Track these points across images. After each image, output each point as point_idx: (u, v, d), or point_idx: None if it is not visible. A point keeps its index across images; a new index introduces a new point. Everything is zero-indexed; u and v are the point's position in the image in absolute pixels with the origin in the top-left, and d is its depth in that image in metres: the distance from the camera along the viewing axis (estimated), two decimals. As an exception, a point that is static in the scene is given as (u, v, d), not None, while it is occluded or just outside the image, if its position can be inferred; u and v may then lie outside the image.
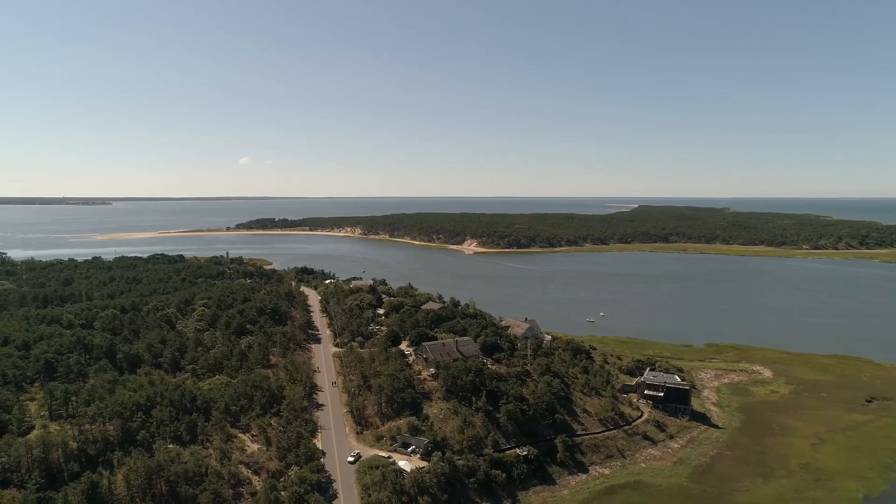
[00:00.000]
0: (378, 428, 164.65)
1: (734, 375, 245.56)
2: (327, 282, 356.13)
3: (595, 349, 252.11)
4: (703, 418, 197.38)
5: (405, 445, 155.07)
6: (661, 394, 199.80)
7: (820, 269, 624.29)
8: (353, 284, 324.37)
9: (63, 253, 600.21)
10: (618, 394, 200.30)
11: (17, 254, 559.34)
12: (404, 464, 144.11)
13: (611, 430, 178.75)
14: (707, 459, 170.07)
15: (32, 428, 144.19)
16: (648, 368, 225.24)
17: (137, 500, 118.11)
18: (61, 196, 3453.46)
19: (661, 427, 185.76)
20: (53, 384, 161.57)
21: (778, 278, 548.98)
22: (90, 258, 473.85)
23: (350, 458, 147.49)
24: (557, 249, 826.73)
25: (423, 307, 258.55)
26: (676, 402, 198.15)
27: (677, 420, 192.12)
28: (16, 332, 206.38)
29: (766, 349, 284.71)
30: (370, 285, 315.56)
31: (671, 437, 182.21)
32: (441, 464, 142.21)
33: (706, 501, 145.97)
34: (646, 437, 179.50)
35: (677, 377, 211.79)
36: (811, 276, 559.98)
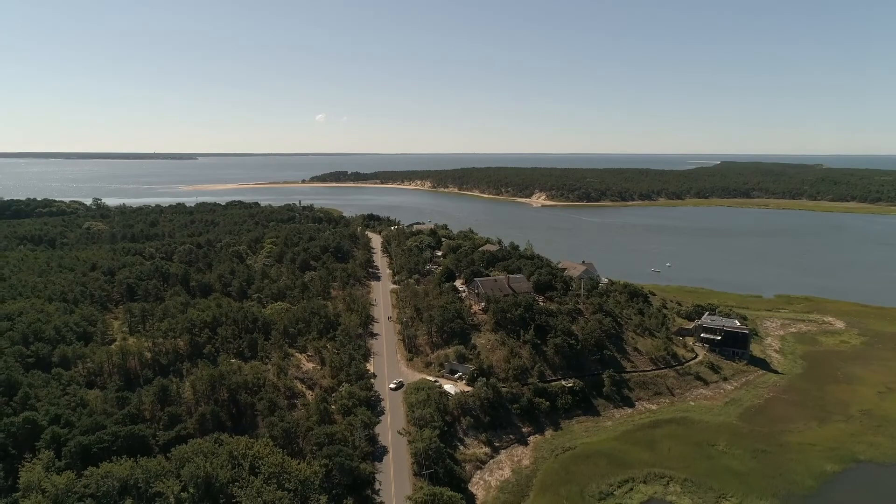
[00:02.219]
0: (427, 356, 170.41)
1: (802, 325, 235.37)
2: (391, 228, 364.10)
3: (654, 294, 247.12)
4: (761, 363, 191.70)
5: (452, 372, 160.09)
6: (719, 337, 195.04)
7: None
8: (414, 228, 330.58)
9: (151, 201, 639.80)
10: (672, 335, 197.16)
11: (111, 201, 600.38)
12: (450, 387, 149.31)
13: (661, 369, 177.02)
14: (761, 402, 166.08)
15: (114, 340, 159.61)
16: (707, 312, 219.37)
17: (202, 403, 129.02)
18: (152, 151, 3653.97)
19: (715, 369, 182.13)
20: (133, 304, 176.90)
21: (867, 234, 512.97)
22: (174, 204, 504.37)
23: (392, 385, 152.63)
24: (629, 203, 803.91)
25: (480, 249, 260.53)
26: (734, 346, 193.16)
27: (734, 364, 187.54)
28: (103, 260, 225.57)
29: (840, 301, 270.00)
30: (430, 229, 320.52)
31: (725, 380, 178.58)
32: (485, 388, 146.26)
33: (754, 439, 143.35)
34: (698, 377, 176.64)
35: (737, 322, 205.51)
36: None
